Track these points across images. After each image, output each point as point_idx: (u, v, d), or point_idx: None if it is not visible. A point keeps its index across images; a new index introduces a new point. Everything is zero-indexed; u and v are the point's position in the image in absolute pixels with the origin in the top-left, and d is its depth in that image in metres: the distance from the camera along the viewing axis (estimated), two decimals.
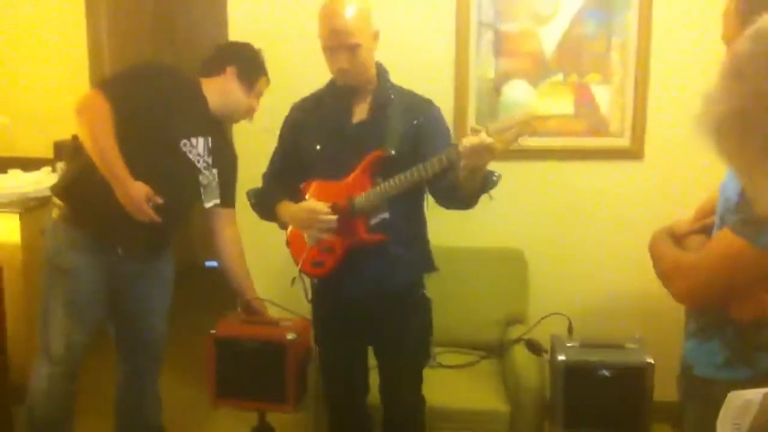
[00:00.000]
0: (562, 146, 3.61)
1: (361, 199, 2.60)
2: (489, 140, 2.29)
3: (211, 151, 2.98)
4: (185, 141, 2.90)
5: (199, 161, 2.95)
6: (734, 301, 1.71)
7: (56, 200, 2.95)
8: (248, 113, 3.05)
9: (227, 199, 3.11)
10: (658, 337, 3.19)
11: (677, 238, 1.89)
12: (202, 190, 2.98)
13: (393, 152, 2.59)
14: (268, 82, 3.07)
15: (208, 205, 3.04)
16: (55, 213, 2.94)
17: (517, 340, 3.26)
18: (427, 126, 2.67)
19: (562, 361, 2.87)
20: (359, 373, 2.92)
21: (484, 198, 2.58)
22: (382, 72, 2.71)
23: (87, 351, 2.98)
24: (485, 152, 2.33)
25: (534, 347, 3.09)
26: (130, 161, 2.73)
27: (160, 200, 2.75)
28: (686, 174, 3.58)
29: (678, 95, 3.56)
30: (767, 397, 1.39)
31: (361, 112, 2.68)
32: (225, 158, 3.08)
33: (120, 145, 2.72)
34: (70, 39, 4.43)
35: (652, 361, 2.83)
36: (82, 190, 2.87)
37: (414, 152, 2.60)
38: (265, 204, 2.84)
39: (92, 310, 2.95)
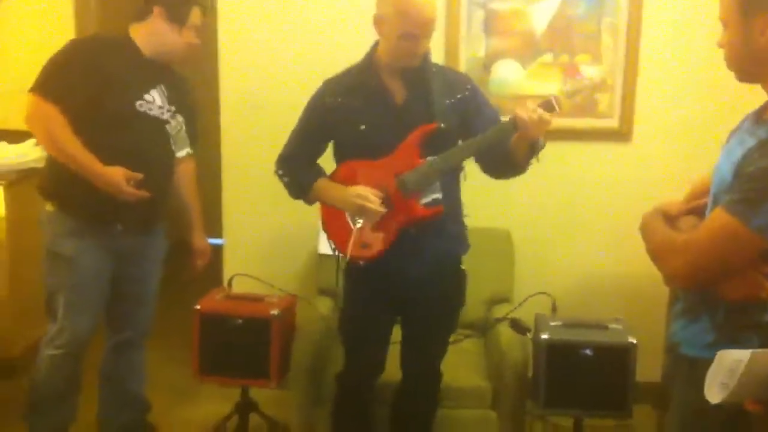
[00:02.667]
0: (550, 126, 3.58)
1: (412, 174, 2.53)
2: (548, 116, 2.41)
3: (170, 98, 2.93)
4: (140, 102, 2.84)
5: (162, 113, 2.91)
6: (726, 281, 1.71)
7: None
8: (186, 52, 2.93)
9: (194, 140, 3.13)
10: (642, 318, 3.21)
11: (669, 218, 1.89)
12: (171, 141, 2.95)
13: (443, 125, 2.55)
14: (203, 11, 2.93)
15: (181, 154, 3.02)
16: (48, 206, 2.91)
17: (502, 319, 3.26)
18: (473, 99, 2.65)
19: (545, 339, 2.88)
20: (384, 352, 2.85)
21: (472, 176, 2.61)
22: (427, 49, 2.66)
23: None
24: (543, 124, 2.42)
25: (518, 326, 3.10)
26: (96, 146, 2.75)
27: (139, 175, 2.75)
28: (674, 156, 3.59)
29: (667, 77, 3.55)
30: (755, 355, 1.45)
31: (404, 90, 2.61)
32: (184, 100, 3.03)
33: (81, 135, 2.74)
34: (56, 10, 4.37)
35: (635, 341, 2.85)
36: (66, 185, 2.84)
37: (461, 126, 2.58)
38: (300, 183, 2.72)
39: (97, 292, 2.95)
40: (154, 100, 2.88)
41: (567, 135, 3.59)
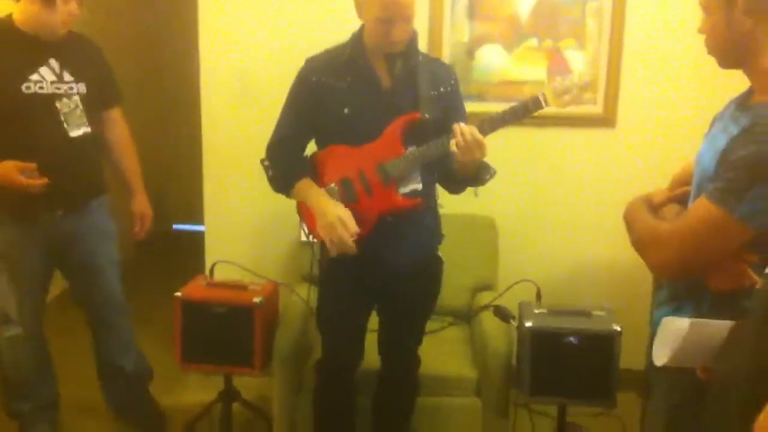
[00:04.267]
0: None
1: (395, 163, 2.51)
2: (478, 137, 2.38)
3: (67, 70, 2.87)
4: (26, 84, 2.78)
5: (59, 88, 2.84)
6: (713, 271, 1.70)
7: None
8: (64, 25, 2.82)
9: (110, 100, 3.09)
10: (626, 306, 3.21)
11: (653, 206, 1.88)
12: (62, 119, 2.85)
13: (427, 116, 2.52)
14: None
15: (76, 133, 2.89)
16: None
17: (486, 307, 3.25)
18: (455, 93, 2.65)
19: (530, 327, 2.87)
20: (362, 340, 2.84)
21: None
22: (413, 35, 2.59)
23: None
24: (475, 149, 2.40)
25: (502, 314, 3.09)
26: None
27: (31, 165, 2.72)
28: (658, 142, 3.58)
29: (652, 64, 3.54)
30: (694, 325, 1.57)
31: (390, 76, 2.57)
32: (91, 63, 2.98)
33: None
34: None
35: (620, 329, 2.84)
36: None
37: (443, 119, 2.53)
38: (283, 177, 2.66)
39: (33, 277, 2.99)
40: (44, 78, 2.81)
41: (551, 121, 3.58)
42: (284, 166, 2.65)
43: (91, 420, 3.42)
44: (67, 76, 2.87)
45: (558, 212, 3.70)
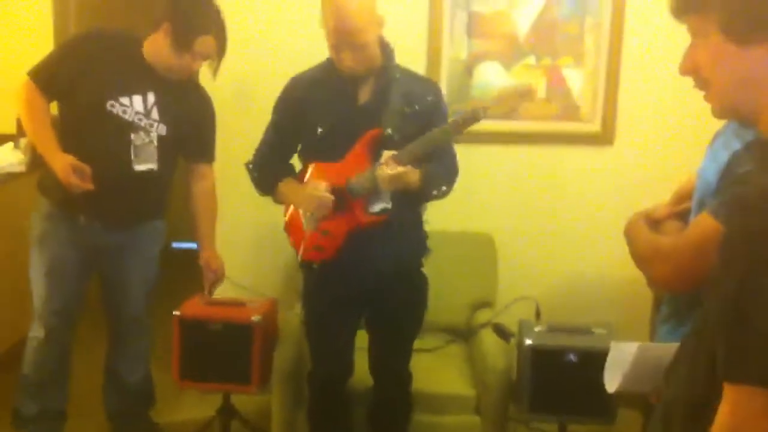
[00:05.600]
0: (532, 130, 3.59)
1: (357, 180, 2.55)
2: (397, 171, 2.43)
3: (160, 108, 2.87)
4: (111, 102, 2.80)
5: (140, 120, 2.85)
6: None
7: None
8: (183, 74, 2.87)
9: (202, 156, 3.10)
10: (626, 323, 3.20)
11: (654, 222, 1.87)
12: (132, 150, 2.85)
13: (389, 131, 2.54)
14: (213, 41, 2.79)
15: (140, 168, 2.87)
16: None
17: (485, 325, 3.25)
18: (431, 112, 2.63)
19: (529, 345, 2.87)
20: (350, 352, 2.87)
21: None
22: (387, 52, 2.63)
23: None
24: (398, 181, 2.46)
25: (501, 332, 3.09)
26: (66, 135, 2.84)
27: (86, 168, 2.73)
28: (656, 160, 3.58)
29: (650, 81, 3.55)
30: (640, 349, 1.61)
31: (364, 94, 2.61)
32: (189, 114, 2.96)
33: (61, 123, 2.88)
34: (35, 12, 4.32)
35: None
36: (45, 168, 2.90)
37: (418, 135, 2.53)
38: (266, 179, 2.77)
39: (68, 278, 3.00)
40: (131, 105, 2.83)
41: (549, 139, 3.59)
42: (268, 170, 2.76)
43: None
44: (154, 114, 2.87)
45: (556, 229, 3.70)
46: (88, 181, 2.74)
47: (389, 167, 2.43)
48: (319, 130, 2.60)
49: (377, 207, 2.58)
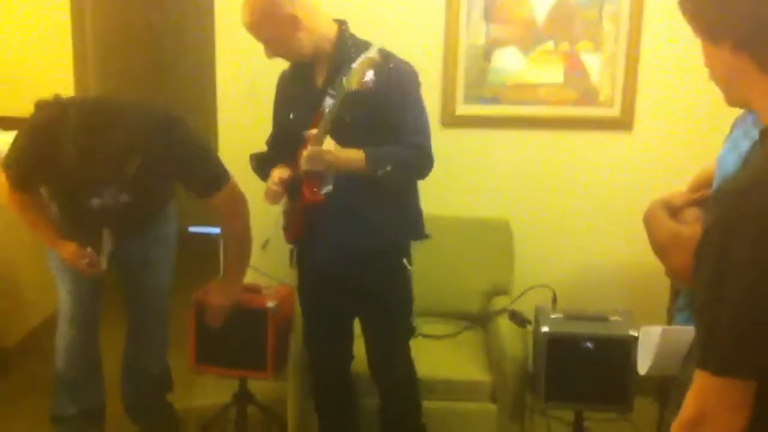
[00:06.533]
0: (551, 115, 3.56)
1: (302, 161, 2.56)
2: (310, 150, 2.50)
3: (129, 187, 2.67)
4: (94, 199, 2.69)
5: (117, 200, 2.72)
6: None
7: None
8: None
9: (204, 190, 2.86)
10: (644, 311, 3.17)
11: (673, 209, 1.85)
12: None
13: (326, 111, 2.50)
14: None
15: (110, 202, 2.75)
16: None
17: (501, 311, 3.23)
18: (384, 95, 2.54)
19: (546, 332, 2.85)
20: (340, 341, 2.91)
21: (471, 166, 2.58)
22: (341, 34, 2.64)
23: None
24: (316, 160, 2.51)
25: (517, 319, 3.08)
26: (61, 215, 2.90)
27: (88, 254, 2.80)
28: (675, 145, 3.54)
29: (669, 66, 3.50)
30: (664, 332, 1.66)
31: (320, 78, 2.67)
32: (167, 168, 2.75)
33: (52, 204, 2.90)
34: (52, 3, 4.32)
35: (637, 334, 2.80)
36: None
37: (376, 119, 2.56)
38: (262, 168, 2.85)
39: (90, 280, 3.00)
40: (104, 196, 2.69)
41: (568, 124, 3.56)
42: (264, 158, 2.86)
43: None
44: (126, 194, 2.71)
45: (574, 215, 3.67)
46: (95, 265, 2.83)
47: (305, 149, 2.50)
48: (291, 116, 2.72)
49: (324, 189, 2.61)
